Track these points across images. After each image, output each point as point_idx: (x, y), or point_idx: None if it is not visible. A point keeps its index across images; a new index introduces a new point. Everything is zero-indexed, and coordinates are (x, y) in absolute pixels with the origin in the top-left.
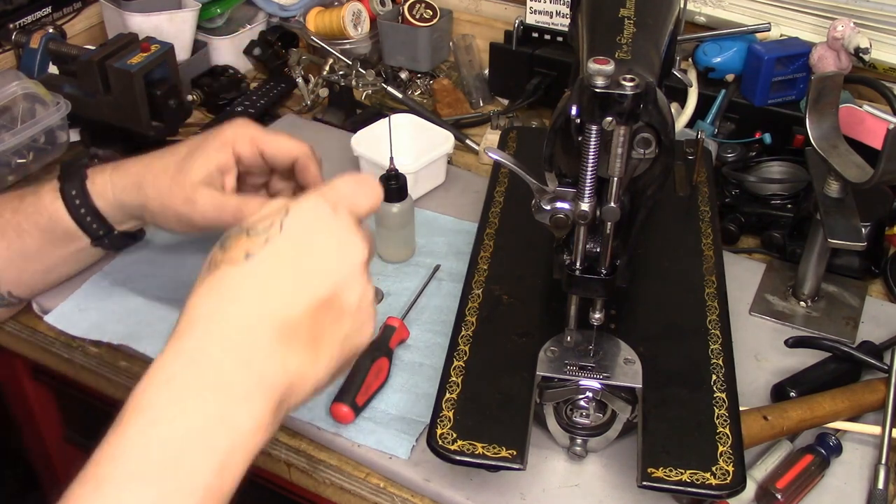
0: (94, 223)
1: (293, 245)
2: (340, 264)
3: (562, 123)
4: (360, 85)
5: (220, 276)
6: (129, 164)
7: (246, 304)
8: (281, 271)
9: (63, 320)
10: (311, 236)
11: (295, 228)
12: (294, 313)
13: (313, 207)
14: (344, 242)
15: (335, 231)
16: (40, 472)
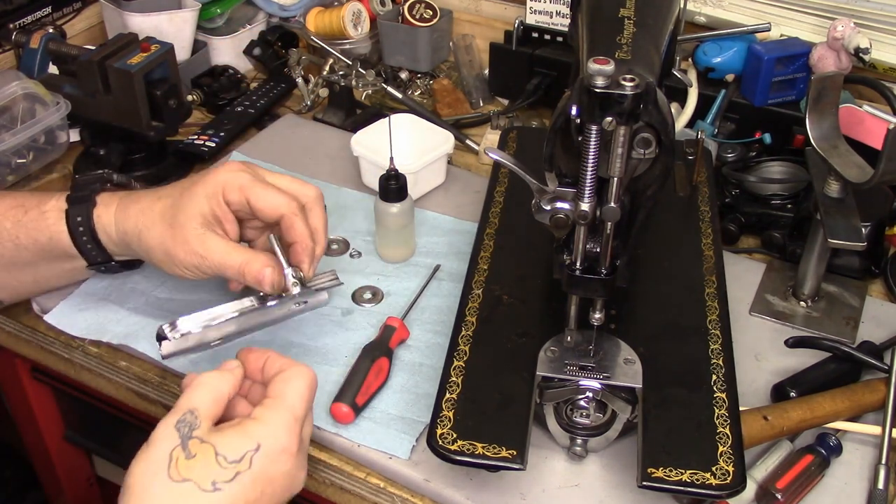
0: (94, 251)
1: (253, 484)
2: (289, 490)
3: (562, 123)
4: (360, 85)
5: (185, 493)
6: (130, 205)
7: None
8: (250, 496)
9: (63, 320)
10: (271, 478)
11: (260, 468)
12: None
13: (281, 449)
14: (293, 484)
15: (291, 473)
16: (40, 472)
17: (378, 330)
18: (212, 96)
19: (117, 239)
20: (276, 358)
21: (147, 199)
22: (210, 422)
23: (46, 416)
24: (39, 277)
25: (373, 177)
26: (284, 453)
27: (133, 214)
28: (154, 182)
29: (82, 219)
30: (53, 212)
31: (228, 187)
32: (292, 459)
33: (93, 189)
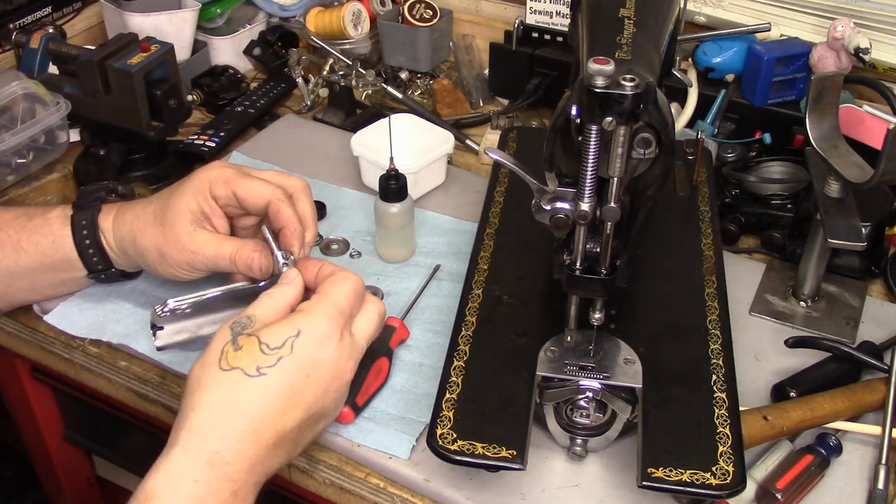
0: (95, 257)
1: (298, 369)
2: (331, 387)
3: (562, 123)
4: (360, 85)
5: (233, 379)
6: (126, 211)
7: (252, 414)
8: (285, 391)
9: (63, 320)
10: (315, 362)
11: (303, 353)
12: (289, 426)
13: (322, 334)
14: (339, 371)
15: (335, 360)
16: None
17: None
18: (212, 96)
19: (115, 245)
20: (329, 266)
21: (140, 205)
22: (264, 325)
23: (46, 416)
24: (36, 286)
25: (373, 177)
26: (327, 339)
27: (128, 220)
28: (154, 182)
29: (87, 223)
30: (58, 217)
31: (214, 183)
32: (335, 346)
33: (98, 197)
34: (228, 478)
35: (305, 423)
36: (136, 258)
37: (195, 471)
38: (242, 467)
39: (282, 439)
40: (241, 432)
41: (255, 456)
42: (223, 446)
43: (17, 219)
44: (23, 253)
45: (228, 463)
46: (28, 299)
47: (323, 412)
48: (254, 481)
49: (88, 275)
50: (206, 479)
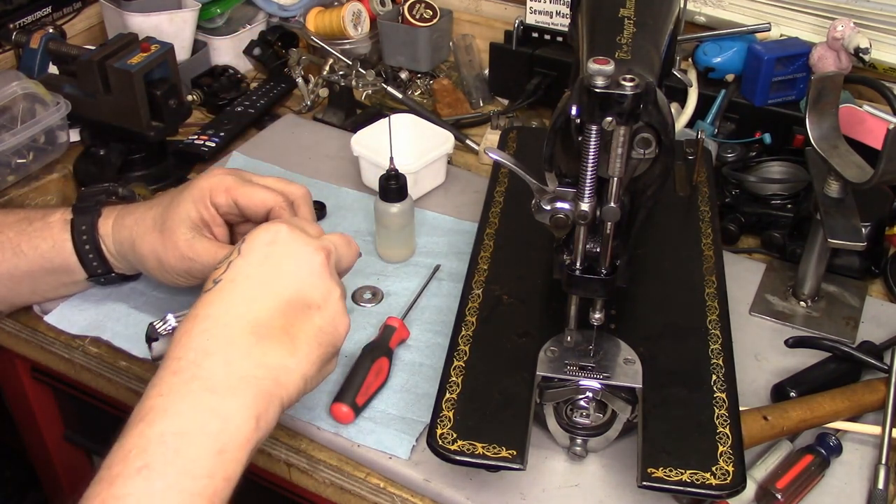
0: (95, 261)
1: (252, 262)
2: (298, 268)
3: (562, 123)
4: (360, 85)
5: (196, 303)
6: (126, 216)
7: (218, 316)
8: (245, 283)
9: (63, 320)
10: (268, 251)
11: (251, 249)
12: (263, 315)
13: (265, 230)
14: (299, 251)
15: (288, 242)
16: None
17: (378, 330)
18: (212, 96)
19: (115, 250)
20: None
21: (141, 210)
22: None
23: (46, 416)
24: (37, 289)
25: (373, 177)
26: (275, 232)
27: (128, 225)
28: (154, 182)
29: (86, 228)
30: (59, 222)
31: (215, 191)
32: (287, 234)
33: (98, 200)
34: (195, 377)
35: (286, 310)
36: (135, 264)
37: (159, 386)
38: (215, 362)
39: (261, 327)
40: (202, 332)
41: (227, 349)
42: (188, 352)
43: (18, 222)
44: (23, 256)
45: (194, 363)
46: (29, 301)
47: (305, 300)
48: (239, 375)
49: (88, 279)
50: (169, 387)
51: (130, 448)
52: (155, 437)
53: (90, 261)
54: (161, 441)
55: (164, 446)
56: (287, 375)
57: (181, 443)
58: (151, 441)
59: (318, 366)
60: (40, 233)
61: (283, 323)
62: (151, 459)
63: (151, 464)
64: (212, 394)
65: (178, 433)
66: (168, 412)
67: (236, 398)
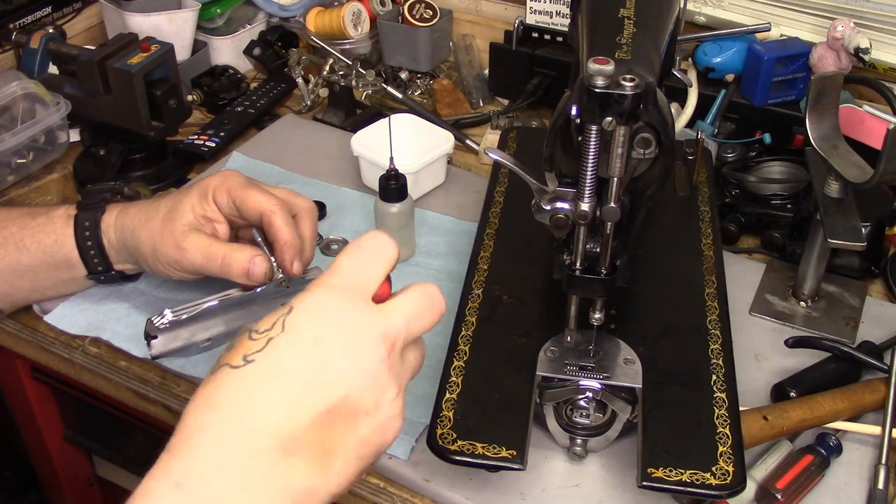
0: (95, 258)
1: (297, 346)
2: (353, 364)
3: (562, 123)
4: (360, 85)
5: (217, 382)
6: (132, 208)
7: (242, 416)
8: (283, 377)
9: (63, 320)
10: (318, 335)
11: (299, 327)
12: (298, 424)
13: (321, 301)
14: (356, 341)
15: (345, 328)
16: (40, 472)
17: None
18: (212, 96)
19: (115, 239)
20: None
21: (148, 202)
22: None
23: (46, 416)
24: (38, 285)
25: (373, 177)
26: (331, 308)
27: (132, 213)
28: (154, 182)
29: (90, 224)
30: (62, 217)
31: (218, 189)
32: (347, 314)
33: (104, 198)
34: (205, 499)
35: (328, 419)
36: (132, 250)
37: (160, 499)
38: (229, 482)
39: (292, 442)
40: (222, 436)
41: (247, 466)
42: (197, 461)
43: (21, 217)
44: (25, 251)
45: (206, 479)
46: (29, 299)
47: (354, 406)
48: (256, 501)
49: (88, 275)
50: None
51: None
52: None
53: (91, 257)
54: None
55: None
56: (312, 499)
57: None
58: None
59: (352, 481)
60: (43, 227)
61: (319, 437)
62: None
63: None
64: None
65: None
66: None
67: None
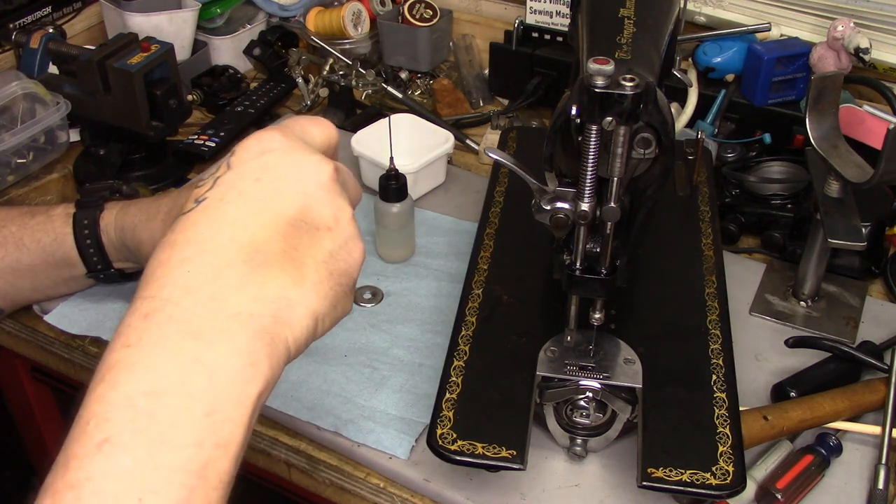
0: (95, 256)
1: (245, 175)
2: (303, 181)
3: (562, 123)
4: (360, 85)
5: (172, 227)
6: (131, 206)
7: (203, 241)
8: (237, 201)
9: (63, 320)
10: (264, 163)
11: (243, 160)
12: (259, 237)
13: (258, 139)
14: (302, 161)
15: (288, 152)
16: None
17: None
18: (212, 96)
19: (115, 238)
20: None
21: (148, 200)
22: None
23: (46, 416)
24: (38, 284)
25: (373, 177)
26: (268, 139)
27: (132, 212)
28: (154, 182)
29: (88, 222)
30: (61, 216)
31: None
32: (282, 140)
33: (102, 196)
34: (172, 319)
35: (288, 232)
36: (133, 250)
37: (125, 334)
38: (198, 299)
39: (259, 253)
40: (181, 262)
41: (215, 282)
42: (163, 290)
43: (21, 216)
44: (25, 250)
45: (170, 301)
46: (30, 298)
47: (313, 219)
48: (228, 313)
49: (87, 274)
50: (138, 335)
51: (89, 418)
52: (120, 401)
53: (90, 255)
54: (128, 405)
55: (131, 411)
56: (291, 310)
57: (155, 405)
58: (115, 406)
59: (331, 300)
60: (42, 226)
61: (285, 246)
62: (115, 430)
63: (115, 436)
64: (194, 339)
65: (151, 393)
66: (137, 367)
67: (225, 343)
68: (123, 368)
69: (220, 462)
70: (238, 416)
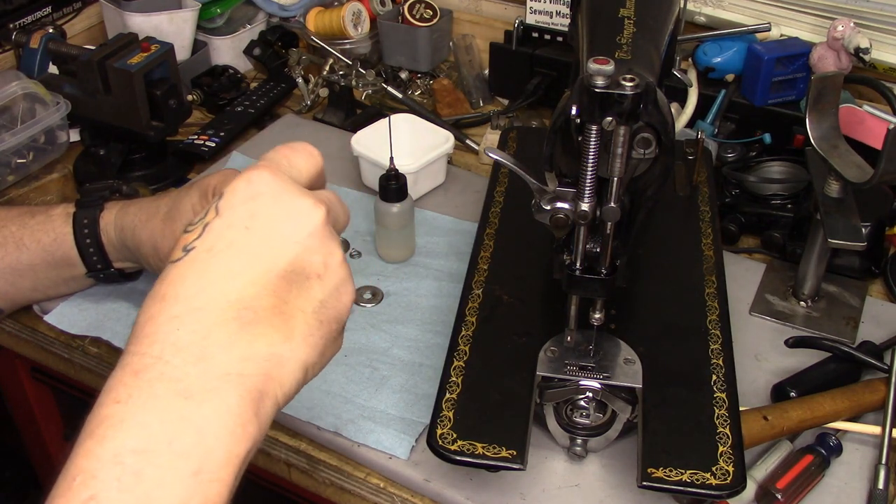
0: (94, 255)
1: (234, 222)
2: (294, 230)
3: (562, 123)
4: (360, 85)
5: (161, 279)
6: (131, 206)
7: (191, 297)
8: (226, 253)
9: (63, 320)
10: (253, 209)
11: (232, 206)
12: (248, 293)
13: (248, 180)
14: (293, 207)
15: (279, 197)
16: (40, 472)
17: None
18: (212, 96)
19: (115, 238)
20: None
21: (147, 200)
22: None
23: (46, 416)
24: (38, 284)
25: (373, 177)
26: (258, 182)
27: (132, 212)
28: (154, 182)
29: (88, 222)
30: (61, 216)
31: (219, 186)
32: (272, 183)
33: (102, 196)
34: (161, 378)
35: (278, 286)
36: (132, 250)
37: (115, 390)
38: (186, 360)
39: (247, 311)
40: (171, 320)
41: (203, 342)
42: (152, 347)
43: (20, 216)
44: (25, 250)
45: (161, 359)
46: (30, 298)
47: (303, 269)
48: (218, 373)
49: (87, 274)
50: (128, 391)
51: (76, 474)
52: (108, 458)
53: (90, 255)
54: (115, 462)
55: (119, 468)
56: (281, 367)
57: (142, 463)
58: (103, 463)
59: (320, 349)
60: (42, 226)
61: (276, 301)
62: (101, 487)
63: (101, 493)
64: (184, 399)
65: (138, 451)
66: (125, 424)
67: (215, 402)
68: (112, 425)
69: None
70: (226, 475)
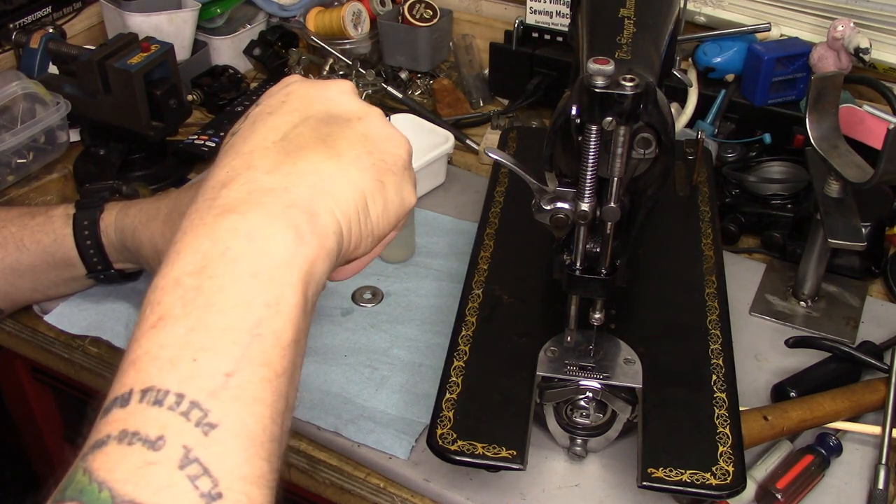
0: (95, 257)
1: (271, 103)
2: (327, 93)
3: (562, 123)
4: (360, 85)
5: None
6: (131, 208)
7: (237, 147)
8: (267, 118)
9: (63, 320)
10: (287, 90)
11: (269, 95)
12: (291, 133)
13: (281, 83)
14: (322, 83)
15: (310, 83)
16: (40, 472)
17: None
18: (212, 96)
19: (115, 239)
20: None
21: (147, 201)
22: None
23: (46, 417)
24: (39, 285)
25: None
26: (290, 83)
27: (132, 213)
28: (154, 182)
29: (88, 223)
30: (61, 216)
31: None
32: (307, 83)
33: (102, 197)
34: (211, 208)
35: (317, 125)
36: (133, 251)
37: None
38: (231, 187)
39: (289, 144)
40: (222, 166)
41: (247, 172)
42: (204, 190)
43: (21, 217)
44: (25, 251)
45: (212, 197)
46: (30, 299)
47: (339, 114)
48: (263, 189)
49: (88, 274)
50: (182, 232)
51: (145, 307)
52: (169, 286)
53: (90, 256)
54: (176, 285)
55: (180, 289)
56: (330, 181)
57: (200, 279)
58: (166, 290)
59: (374, 175)
60: (42, 227)
61: (317, 135)
62: (167, 308)
63: (167, 313)
64: (229, 214)
65: (195, 271)
66: (181, 254)
67: (259, 212)
68: (169, 261)
69: (273, 321)
70: (285, 276)
